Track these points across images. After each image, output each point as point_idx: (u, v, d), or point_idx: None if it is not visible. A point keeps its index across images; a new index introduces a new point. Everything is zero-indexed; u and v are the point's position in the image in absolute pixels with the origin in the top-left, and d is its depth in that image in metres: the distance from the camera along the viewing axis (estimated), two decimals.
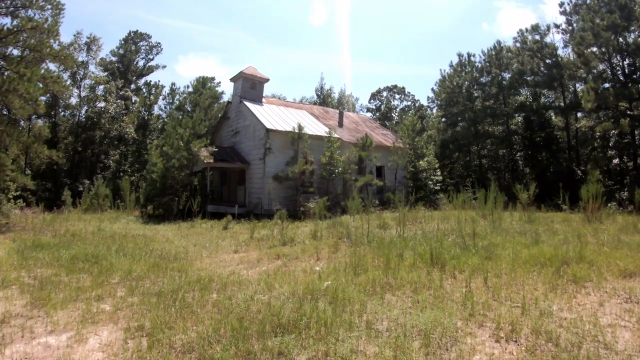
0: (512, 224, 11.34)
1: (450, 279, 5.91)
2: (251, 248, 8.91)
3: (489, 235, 9.06)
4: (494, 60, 34.84)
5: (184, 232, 11.97)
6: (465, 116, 34.65)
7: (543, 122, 31.39)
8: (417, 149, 25.21)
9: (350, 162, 18.44)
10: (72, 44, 31.26)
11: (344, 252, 7.89)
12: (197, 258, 7.83)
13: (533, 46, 32.18)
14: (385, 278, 5.78)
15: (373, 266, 6.56)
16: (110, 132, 29.33)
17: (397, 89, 52.20)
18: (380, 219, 12.83)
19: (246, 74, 20.91)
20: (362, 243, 8.59)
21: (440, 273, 6.12)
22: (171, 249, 8.76)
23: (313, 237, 9.72)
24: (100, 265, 7.12)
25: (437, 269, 6.41)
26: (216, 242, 9.78)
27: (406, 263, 6.72)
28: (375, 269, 6.46)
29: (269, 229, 10.97)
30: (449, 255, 6.98)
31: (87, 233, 11.75)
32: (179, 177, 16.49)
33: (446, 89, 36.25)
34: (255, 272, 6.52)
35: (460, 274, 6.16)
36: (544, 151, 30.52)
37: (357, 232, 9.85)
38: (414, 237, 8.88)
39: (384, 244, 8.28)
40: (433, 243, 8.01)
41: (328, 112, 25.74)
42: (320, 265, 6.77)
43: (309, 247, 8.38)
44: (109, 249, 8.38)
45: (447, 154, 34.96)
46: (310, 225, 12.91)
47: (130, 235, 11.17)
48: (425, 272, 6.18)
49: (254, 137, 18.92)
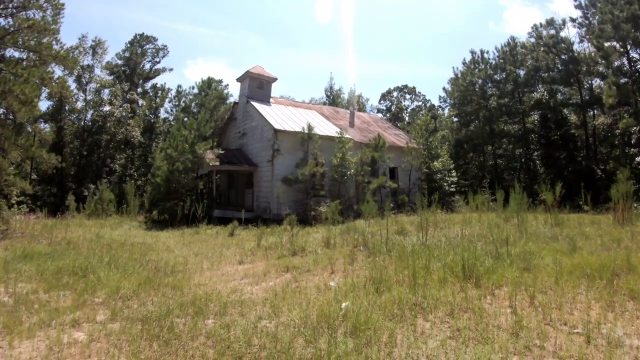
0: (540, 228, 10.39)
1: (488, 297, 5.02)
2: (258, 258, 8.07)
3: (518, 241, 8.12)
4: (508, 57, 33.75)
5: (187, 240, 11.18)
6: (479, 115, 33.57)
7: (560, 120, 30.31)
8: (431, 149, 24.20)
9: (362, 164, 17.53)
10: (76, 47, 30.92)
11: (361, 263, 7.00)
12: (197, 270, 7.01)
13: (549, 41, 31.05)
14: (413, 297, 4.89)
15: (397, 281, 5.67)
16: (116, 136, 28.83)
17: (407, 89, 51.11)
18: (398, 223, 11.92)
19: (253, 73, 20.16)
20: (380, 252, 7.69)
21: (475, 289, 5.23)
22: (169, 259, 7.95)
23: (326, 245, 8.84)
24: (87, 280, 6.34)
25: (470, 283, 5.52)
26: (220, 251, 8.96)
27: (435, 277, 5.82)
28: (400, 284, 5.57)
29: (277, 236, 10.12)
30: (482, 266, 6.07)
31: (85, 240, 11.03)
32: (183, 181, 15.75)
33: (459, 87, 35.13)
34: (261, 288, 5.66)
35: (498, 289, 5.28)
36: (561, 150, 29.40)
37: (374, 239, 8.95)
38: (438, 245, 7.96)
39: (405, 253, 7.37)
40: (461, 252, 7.10)
41: (338, 112, 24.87)
42: (336, 280, 5.89)
43: (321, 257, 7.50)
44: (100, 259, 7.60)
45: (461, 155, 33.86)
46: (322, 231, 12.03)
47: (128, 243, 10.41)
48: (458, 288, 5.30)
49: (261, 139, 18.12)
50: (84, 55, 31.53)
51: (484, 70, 34.71)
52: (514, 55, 33.62)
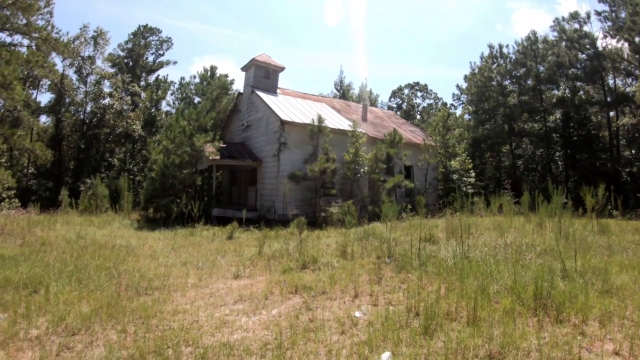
0: (585, 236, 8.81)
1: (578, 337, 3.51)
2: (258, 270, 6.49)
3: (569, 252, 6.52)
4: (529, 52, 31.94)
5: (179, 243, 9.63)
6: (498, 112, 31.76)
7: (582, 120, 28.50)
8: (448, 147, 22.52)
9: (377, 160, 15.88)
10: (77, 37, 29.51)
11: (390, 282, 5.42)
12: (179, 287, 5.45)
13: (573, 35, 29.18)
14: (482, 342, 3.32)
15: (448, 313, 4.09)
16: (115, 129, 27.35)
17: (419, 86, 49.29)
18: (424, 228, 10.32)
19: (259, 62, 18.58)
20: (412, 266, 6.10)
21: (558, 326, 3.83)
22: (149, 269, 6.40)
23: (342, 254, 7.25)
24: (37, 297, 4.85)
25: (548, 315, 4.02)
26: (213, 259, 7.40)
27: (498, 306, 4.25)
28: (453, 317, 3.99)
29: (283, 241, 8.53)
30: (554, 289, 4.52)
31: (62, 241, 9.57)
32: (180, 176, 14.21)
33: (477, 83, 33.31)
34: (260, 321, 4.08)
35: (585, 323, 3.80)
36: (584, 151, 27.67)
37: (400, 248, 7.36)
38: (483, 258, 6.36)
39: (445, 268, 5.79)
40: (514, 267, 5.52)
41: (350, 105, 23.23)
42: (363, 310, 4.31)
43: (339, 272, 5.90)
44: (63, 269, 6.08)
45: (477, 154, 32.05)
46: (334, 235, 10.45)
47: (109, 245, 8.90)
48: (535, 324, 3.78)
49: (267, 131, 16.54)
50: (85, 45, 30.19)
51: (504, 65, 32.92)
52: (535, 50, 31.83)
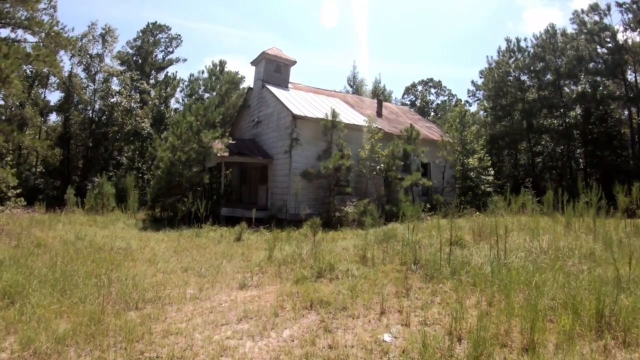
0: (621, 237, 7.87)
1: None
2: (268, 279, 5.73)
3: (604, 256, 5.66)
4: (548, 45, 30.70)
5: (183, 245, 8.94)
6: (516, 108, 30.59)
7: (603, 115, 27.24)
8: (466, 144, 21.53)
9: (394, 157, 15.02)
10: (85, 35, 29.16)
11: (421, 295, 4.61)
12: (176, 300, 4.72)
13: (594, 27, 27.91)
14: None
15: (496, 336, 3.28)
16: (124, 127, 26.90)
17: (433, 83, 48.17)
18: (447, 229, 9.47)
19: (269, 55, 17.84)
20: (442, 274, 5.29)
21: (625, 352, 2.97)
22: (146, 276, 5.69)
23: (361, 260, 6.45)
24: (11, 311, 4.17)
25: (613, 338, 3.20)
26: (218, 265, 6.66)
27: (554, 326, 3.45)
28: (503, 343, 3.19)
29: (295, 244, 7.75)
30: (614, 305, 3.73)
31: (60, 242, 8.97)
32: (186, 174, 13.54)
33: (494, 78, 32.15)
34: (269, 349, 3.31)
35: None
36: (606, 148, 26.43)
37: (426, 253, 6.54)
38: (522, 265, 5.52)
39: (481, 277, 4.97)
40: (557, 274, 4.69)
41: (364, 101, 22.36)
42: (393, 332, 3.52)
43: (360, 282, 5.10)
44: (49, 276, 5.40)
45: (495, 152, 30.90)
46: (350, 237, 9.66)
47: (108, 247, 8.24)
48: (601, 350, 2.99)
49: (278, 127, 15.79)
50: (93, 43, 29.84)
51: (521, 59, 31.72)
52: (554, 43, 30.62)
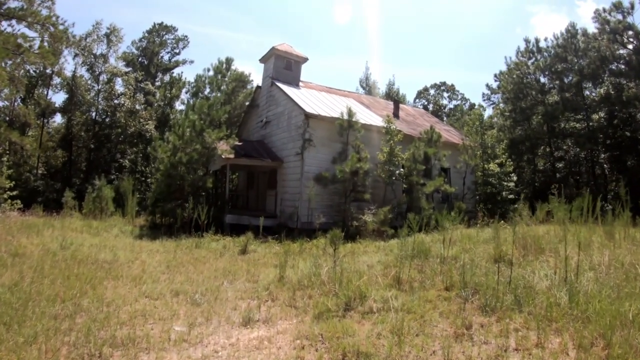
0: None
1: None
2: (280, 310, 4.44)
3: None
4: (569, 45, 29.35)
5: (179, 258, 7.71)
6: (536, 111, 29.18)
7: (627, 118, 25.83)
8: (487, 148, 20.23)
9: (415, 161, 13.72)
10: (89, 34, 28.36)
11: (487, 337, 3.32)
12: (157, 343, 3.46)
13: (618, 26, 26.50)
14: None
15: None
16: (127, 129, 25.91)
17: (445, 87, 46.84)
18: (480, 241, 8.15)
19: (279, 51, 16.68)
20: (503, 303, 3.99)
21: None
22: (124, 303, 4.45)
23: (395, 284, 5.15)
24: None
25: None
26: (218, 287, 5.40)
27: None
28: None
29: (311, 260, 6.48)
30: None
31: (42, 252, 7.81)
32: (188, 177, 12.36)
33: (513, 80, 30.76)
34: None
35: None
36: (632, 152, 25.02)
37: (474, 273, 5.24)
38: (601, 291, 4.21)
39: (557, 309, 3.68)
40: None
41: (379, 102, 21.12)
42: None
43: (402, 317, 3.82)
44: (3, 298, 4.19)
45: (515, 157, 29.44)
46: (373, 250, 8.36)
47: (92, 260, 7.05)
48: None
49: (288, 127, 14.57)
50: (97, 43, 29.04)
51: (541, 60, 30.35)
52: (575, 43, 29.29)
